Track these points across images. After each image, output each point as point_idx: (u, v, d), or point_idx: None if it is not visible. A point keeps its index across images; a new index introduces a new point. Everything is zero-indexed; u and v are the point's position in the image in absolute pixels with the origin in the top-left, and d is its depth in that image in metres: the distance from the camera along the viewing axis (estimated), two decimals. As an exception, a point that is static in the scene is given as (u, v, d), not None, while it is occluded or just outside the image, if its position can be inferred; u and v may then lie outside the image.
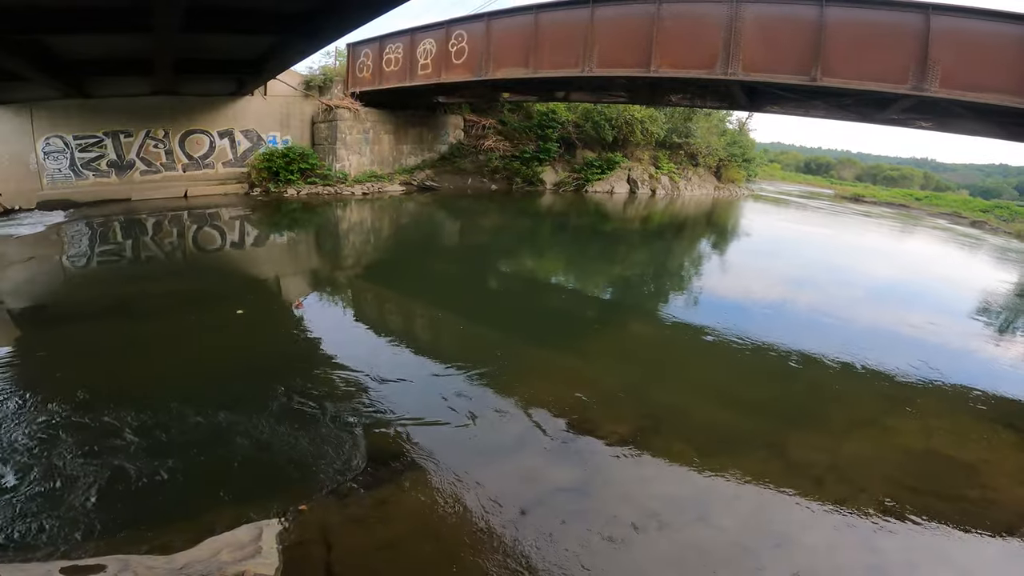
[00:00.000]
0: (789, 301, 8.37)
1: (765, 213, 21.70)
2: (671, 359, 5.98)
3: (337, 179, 16.91)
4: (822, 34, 8.30)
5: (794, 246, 14.41)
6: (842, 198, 33.19)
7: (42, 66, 9.78)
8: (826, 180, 48.56)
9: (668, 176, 22.04)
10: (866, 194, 35.49)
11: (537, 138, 20.10)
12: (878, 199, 32.98)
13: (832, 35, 8.28)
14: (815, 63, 8.39)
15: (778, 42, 8.77)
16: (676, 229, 15.39)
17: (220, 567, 2.24)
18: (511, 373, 5.03)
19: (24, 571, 2.27)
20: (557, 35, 11.49)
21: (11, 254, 9.18)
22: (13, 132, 13.59)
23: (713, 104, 13.62)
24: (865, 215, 24.09)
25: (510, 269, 10.20)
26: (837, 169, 58.10)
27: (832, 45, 8.29)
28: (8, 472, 3.15)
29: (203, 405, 3.99)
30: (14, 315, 6.31)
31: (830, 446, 4.10)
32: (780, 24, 8.76)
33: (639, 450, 3.83)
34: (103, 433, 3.60)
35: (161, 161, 15.48)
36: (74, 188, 14.38)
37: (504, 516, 3.06)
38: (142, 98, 14.49)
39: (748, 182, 27.50)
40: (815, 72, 8.39)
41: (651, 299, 8.50)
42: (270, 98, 16.59)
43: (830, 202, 29.44)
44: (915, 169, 61.06)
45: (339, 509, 3.01)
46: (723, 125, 25.75)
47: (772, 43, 8.82)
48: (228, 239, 11.37)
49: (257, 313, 6.72)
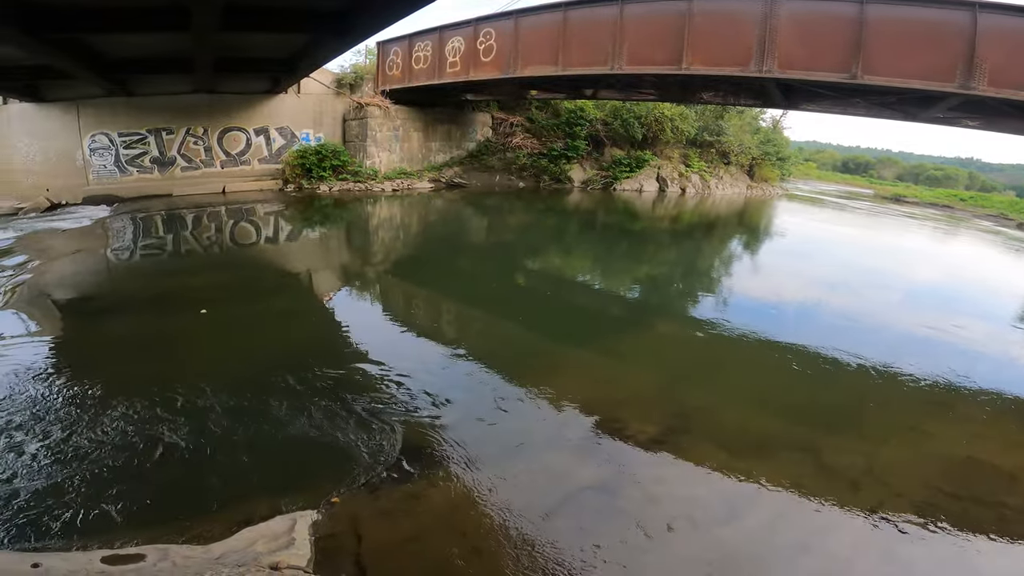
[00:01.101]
0: (824, 303, 8.15)
1: (799, 213, 21.13)
2: (701, 360, 5.90)
3: (368, 176, 17.18)
4: (862, 31, 8.06)
5: (829, 247, 14.01)
6: (882, 198, 32.06)
7: (88, 64, 10.21)
8: (865, 180, 46.96)
9: (698, 174, 21.66)
10: (908, 194, 34.20)
11: (565, 136, 20.00)
12: (920, 200, 31.74)
13: (873, 32, 8.03)
14: (855, 60, 8.13)
15: (816, 39, 8.55)
16: (706, 228, 15.12)
17: (255, 557, 2.30)
18: (539, 370, 5.04)
19: (67, 560, 2.34)
20: (586, 32, 11.41)
21: (58, 247, 9.62)
22: (61, 129, 14.24)
23: (747, 102, 13.33)
24: (906, 216, 23.23)
25: (538, 267, 10.20)
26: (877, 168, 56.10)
27: (873, 42, 8.04)
28: (51, 461, 3.29)
29: (239, 397, 4.12)
30: (61, 306, 6.61)
31: (867, 451, 4.00)
32: (818, 21, 8.53)
33: (668, 450, 3.80)
34: (144, 423, 3.75)
35: (201, 158, 15.98)
36: (118, 184, 14.97)
37: (531, 513, 3.07)
38: (182, 96, 14.97)
39: (782, 181, 26.78)
40: (855, 70, 8.14)
41: (680, 299, 8.39)
42: (303, 96, 16.93)
43: (869, 202, 28.49)
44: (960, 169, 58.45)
45: (370, 502, 3.07)
46: (756, 123, 25.15)
47: (809, 40, 8.60)
48: (263, 234, 11.69)
49: (292, 306, 6.90)
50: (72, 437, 3.55)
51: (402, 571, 2.65)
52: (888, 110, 10.00)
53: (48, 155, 14.22)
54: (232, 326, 5.99)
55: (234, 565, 2.13)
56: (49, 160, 14.25)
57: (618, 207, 17.39)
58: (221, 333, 5.76)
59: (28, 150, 14.05)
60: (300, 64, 12.57)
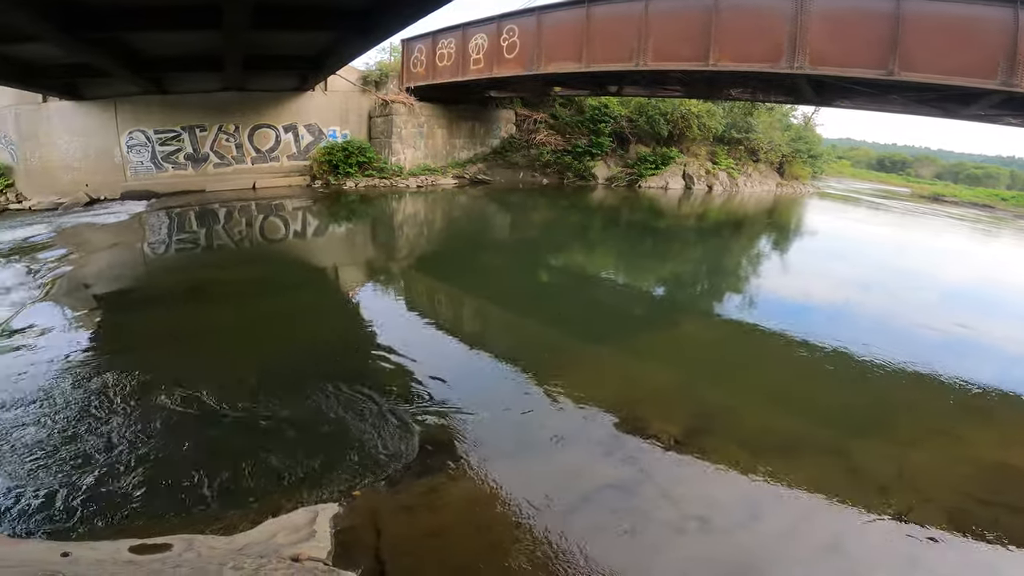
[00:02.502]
0: (855, 304, 7.94)
1: (831, 212, 20.58)
2: (726, 359, 5.80)
3: (393, 172, 17.36)
4: (899, 27, 7.79)
5: (862, 246, 13.61)
6: (920, 197, 30.98)
7: (124, 62, 10.56)
8: (901, 178, 45.43)
9: (726, 172, 21.26)
10: (946, 193, 32.95)
11: (589, 132, 19.86)
12: (960, 199, 30.54)
13: (910, 28, 7.76)
14: (892, 57, 7.87)
15: (849, 35, 8.30)
16: (733, 226, 14.85)
17: (276, 549, 2.35)
18: (561, 367, 5.04)
19: (96, 549, 2.40)
20: (610, 28, 11.29)
21: (98, 241, 10.00)
22: (100, 127, 14.74)
23: (777, 99, 13.03)
24: (944, 216, 22.41)
25: (561, 263, 10.17)
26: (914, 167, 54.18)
27: (910, 38, 7.77)
28: (83, 451, 3.41)
29: (265, 389, 4.22)
30: (98, 298, 6.87)
31: (896, 455, 3.90)
32: (851, 17, 8.28)
33: (690, 450, 3.76)
34: (174, 415, 3.87)
35: (232, 154, 16.36)
36: (154, 180, 15.45)
37: (550, 510, 3.07)
38: (215, 94, 15.33)
39: (814, 179, 26.10)
40: (892, 66, 7.88)
41: (705, 298, 8.28)
42: (330, 93, 17.17)
43: (905, 201, 27.57)
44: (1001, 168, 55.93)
45: (390, 496, 3.11)
46: (787, 120, 24.53)
47: (843, 36, 8.35)
48: (292, 229, 11.94)
49: (318, 300, 7.05)
50: (103, 427, 3.68)
51: (420, 566, 2.68)
52: (926, 107, 9.65)
53: (87, 152, 14.74)
54: (260, 320, 6.14)
55: (256, 556, 2.19)
56: (88, 157, 14.77)
57: (643, 204, 17.20)
58: (250, 326, 5.92)
59: (68, 147, 14.59)
60: (327, 62, 12.77)
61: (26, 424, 3.67)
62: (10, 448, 3.39)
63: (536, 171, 19.58)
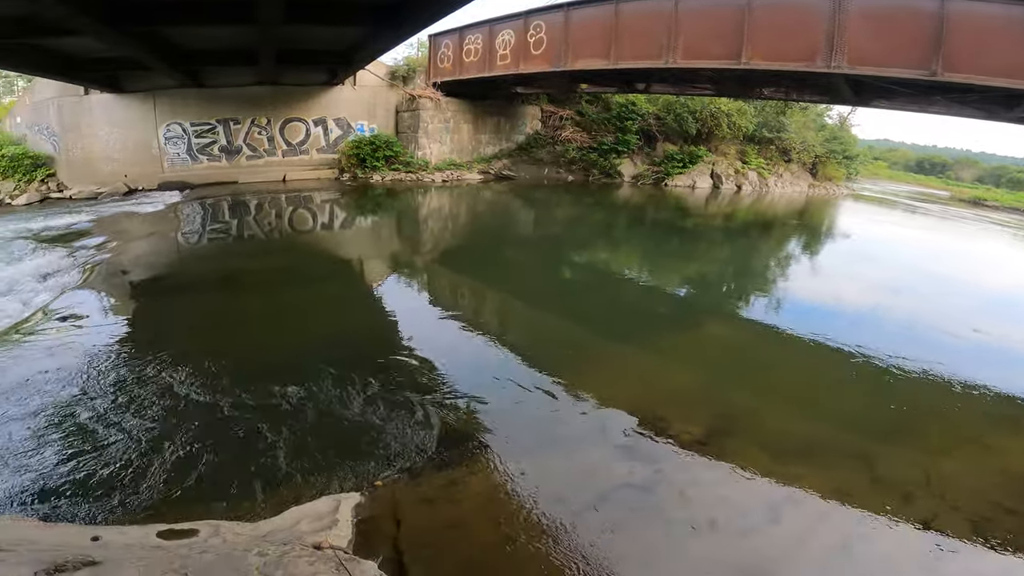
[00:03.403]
0: (885, 309, 7.72)
1: (864, 214, 19.99)
2: (750, 362, 5.72)
3: (419, 166, 17.51)
4: (943, 27, 7.51)
5: (895, 250, 13.21)
6: (959, 201, 29.87)
7: (163, 55, 10.89)
8: (940, 181, 43.85)
9: (756, 171, 20.82)
10: (988, 197, 31.66)
11: (616, 130, 19.67)
12: (1002, 204, 29.31)
13: (955, 28, 7.48)
14: (935, 57, 7.60)
15: (890, 34, 8.04)
16: (762, 227, 14.54)
17: (299, 536, 2.41)
18: (583, 365, 5.04)
19: (125, 534, 2.46)
20: (639, 25, 11.16)
21: (135, 230, 10.34)
22: (139, 119, 15.22)
23: (812, 98, 12.71)
24: (984, 220, 21.55)
25: (584, 260, 10.13)
26: (955, 169, 52.19)
27: (954, 38, 7.48)
28: (114, 436, 3.54)
29: (291, 378, 4.32)
30: (135, 285, 7.13)
31: (924, 462, 3.81)
32: (892, 15, 8.01)
33: (711, 452, 3.73)
34: (203, 403, 4.00)
35: (264, 147, 16.73)
36: (189, 171, 15.90)
37: (567, 507, 3.09)
38: (248, 88, 15.69)
39: (848, 181, 25.37)
40: (935, 66, 7.61)
41: (731, 299, 8.15)
42: (359, 88, 17.38)
43: (944, 205, 26.62)
44: (1049, 171, 53.50)
45: (411, 487, 3.16)
46: (821, 120, 23.87)
47: (883, 35, 8.09)
48: (320, 221, 12.16)
49: (343, 292, 7.18)
50: (133, 411, 3.82)
51: (438, 557, 2.72)
52: (969, 108, 9.30)
53: (126, 143, 15.24)
54: (287, 309, 6.28)
55: (279, 543, 2.24)
56: (127, 148, 15.27)
57: (669, 203, 16.99)
58: (277, 316, 6.06)
59: (108, 138, 15.10)
60: (356, 57, 12.95)
61: (58, 406, 3.83)
62: (43, 428, 3.54)
63: (561, 168, 19.50)
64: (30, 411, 3.74)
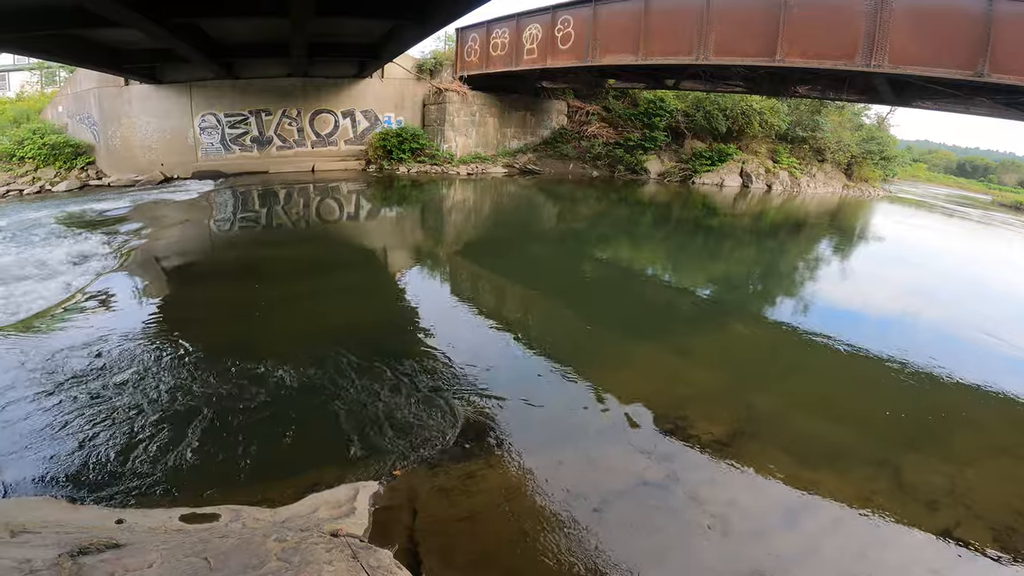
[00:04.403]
0: (918, 314, 7.48)
1: (900, 217, 19.35)
2: (775, 364, 5.61)
3: (444, 159, 17.60)
4: (990, 27, 7.24)
5: (930, 255, 12.77)
6: (1001, 205, 28.67)
7: (200, 47, 11.16)
8: (982, 185, 42.23)
9: (787, 171, 20.32)
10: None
11: (643, 126, 19.43)
12: (1048, 208, 28.06)
13: (1003, 28, 7.22)
14: (982, 58, 7.33)
15: (935, 34, 7.77)
16: (792, 228, 14.20)
17: (317, 523, 2.45)
18: (605, 362, 5.03)
19: (149, 517, 2.53)
20: (669, 20, 11.00)
21: (170, 217, 10.65)
22: (175, 109, 15.64)
23: (850, 97, 12.34)
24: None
25: (608, 257, 10.06)
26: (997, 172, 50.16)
27: (1002, 39, 7.22)
28: (141, 420, 3.65)
29: (315, 366, 4.41)
30: (168, 271, 7.35)
31: (950, 471, 3.71)
32: (938, 16, 7.75)
33: (732, 453, 3.68)
34: (228, 388, 4.10)
35: (294, 138, 17.04)
36: (223, 161, 16.29)
37: (584, 503, 3.08)
38: (279, 80, 15.99)
39: (885, 182, 24.58)
40: (982, 67, 7.33)
41: (757, 300, 8.00)
42: (387, 81, 17.53)
43: (985, 209, 25.59)
44: (1101, 176, 50.87)
45: (429, 478, 3.20)
46: (858, 119, 23.15)
47: (927, 35, 7.83)
48: (346, 211, 12.35)
49: (367, 282, 7.29)
50: (161, 394, 3.94)
51: (451, 548, 2.75)
52: (1015, 110, 8.94)
53: (163, 133, 15.69)
54: (312, 297, 6.40)
55: (297, 529, 2.29)
56: (164, 138, 15.72)
57: (696, 201, 16.72)
58: (303, 304, 6.17)
59: (146, 128, 15.56)
60: (384, 50, 13.06)
61: (90, 388, 3.97)
62: (74, 409, 3.68)
63: (586, 163, 19.36)
64: (63, 392, 3.89)
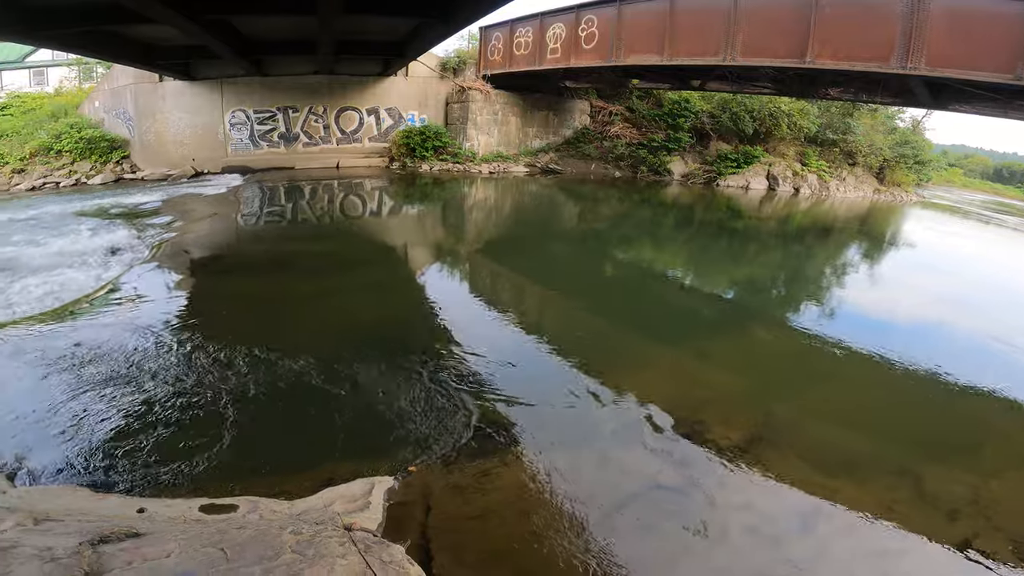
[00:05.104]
0: (948, 323, 7.24)
1: (933, 223, 18.74)
2: (797, 370, 5.50)
3: (466, 157, 17.67)
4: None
5: (963, 263, 12.35)
6: (1041, 213, 27.56)
7: (230, 42, 11.42)
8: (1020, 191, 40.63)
9: (816, 174, 19.84)
10: (1076, 210, 29.08)
11: (667, 127, 19.19)
12: (1092, 217, 26.87)
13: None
14: (1022, 60, 7.06)
15: (973, 36, 7.52)
16: (820, 232, 13.88)
17: (332, 516, 2.49)
18: (623, 364, 4.99)
19: (169, 506, 2.60)
20: (695, 20, 10.85)
21: (199, 211, 10.91)
22: (206, 105, 16.00)
23: (885, 100, 12.02)
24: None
25: (628, 258, 9.98)
26: (1037, 178, 48.21)
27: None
28: (166, 410, 3.72)
29: (334, 361, 4.48)
30: (196, 263, 7.53)
31: (974, 482, 3.61)
32: (978, 18, 7.51)
33: (750, 459, 3.63)
34: (250, 377, 4.19)
35: (320, 135, 17.29)
36: (251, 156, 16.62)
37: (597, 505, 3.07)
38: (306, 77, 16.25)
39: (918, 187, 23.86)
40: (1021, 70, 7.09)
41: (780, 305, 7.85)
42: (411, 79, 17.66)
43: (1022, 217, 24.65)
44: None
45: (443, 475, 3.21)
46: (892, 122, 22.50)
47: (966, 37, 7.58)
48: (369, 208, 12.50)
49: (387, 278, 7.37)
50: (186, 386, 4.03)
51: (463, 545, 2.76)
52: (1061, 113, 8.58)
53: (195, 128, 16.08)
54: (334, 293, 6.49)
55: (312, 522, 2.33)
56: (196, 133, 16.11)
57: (720, 203, 16.46)
58: (324, 300, 6.27)
59: (179, 124, 15.97)
60: (409, 48, 13.18)
61: (118, 376, 4.09)
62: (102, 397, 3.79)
63: (609, 164, 19.22)
64: (91, 379, 4.01)
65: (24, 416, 3.54)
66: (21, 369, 4.13)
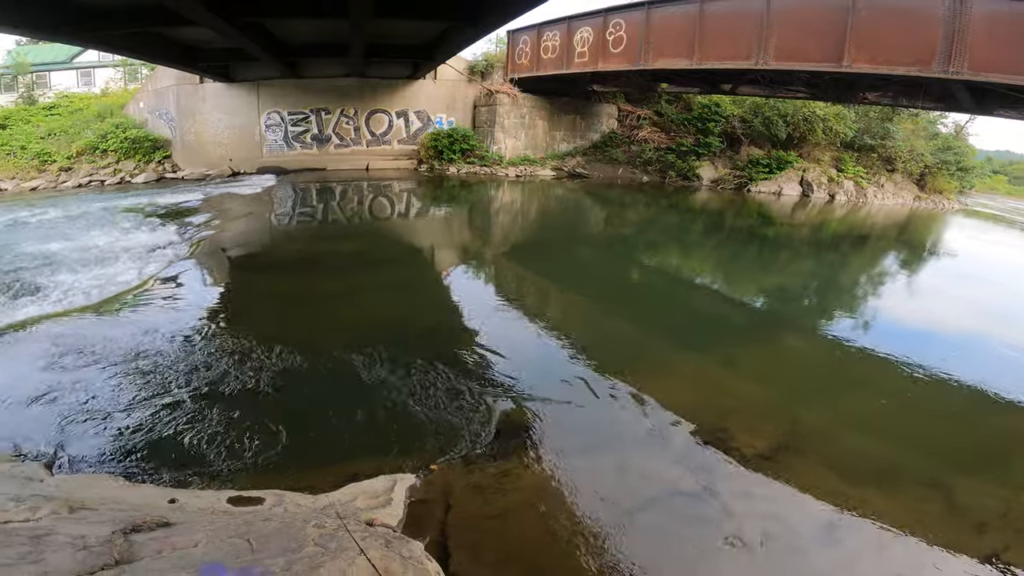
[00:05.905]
0: (987, 335, 6.94)
1: (975, 231, 18.00)
2: (827, 380, 5.35)
3: (493, 160, 17.77)
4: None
5: (1006, 274, 11.84)
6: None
7: (265, 44, 11.78)
8: (1072, 199, 38.61)
9: (853, 180, 19.28)
10: None
11: (696, 131, 18.93)
12: None
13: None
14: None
15: (1017, 39, 7.21)
16: (855, 240, 13.46)
17: (354, 512, 2.55)
18: (647, 369, 4.96)
19: (199, 497, 2.67)
20: (726, 24, 10.70)
21: (235, 210, 11.27)
22: (244, 107, 16.50)
23: (926, 105, 11.63)
24: None
25: (655, 263, 9.88)
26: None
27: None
28: (199, 403, 3.85)
29: (361, 359, 4.56)
30: (232, 260, 7.79)
31: (1006, 495, 3.49)
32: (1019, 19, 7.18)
33: (774, 467, 3.56)
34: (280, 372, 4.31)
35: (350, 136, 17.64)
36: (285, 157, 17.06)
37: (616, 508, 3.06)
38: (338, 79, 16.61)
39: (960, 195, 22.96)
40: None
41: (812, 314, 7.65)
42: (439, 82, 17.87)
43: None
44: None
45: (464, 474, 3.25)
46: (934, 127, 21.72)
47: (1009, 40, 7.28)
48: (398, 209, 12.70)
49: (414, 278, 7.50)
50: (220, 379, 4.15)
51: (481, 544, 2.78)
52: (1116, 119, 8.16)
53: (233, 129, 16.59)
54: (362, 291, 6.64)
55: (335, 516, 2.38)
56: (234, 134, 16.62)
57: (751, 210, 16.15)
58: (353, 298, 6.40)
59: (218, 124, 16.51)
60: (437, 51, 13.34)
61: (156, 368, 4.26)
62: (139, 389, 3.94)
63: (636, 168, 19.06)
64: (130, 371, 4.19)
65: (64, 401, 3.72)
66: (69, 358, 4.34)
